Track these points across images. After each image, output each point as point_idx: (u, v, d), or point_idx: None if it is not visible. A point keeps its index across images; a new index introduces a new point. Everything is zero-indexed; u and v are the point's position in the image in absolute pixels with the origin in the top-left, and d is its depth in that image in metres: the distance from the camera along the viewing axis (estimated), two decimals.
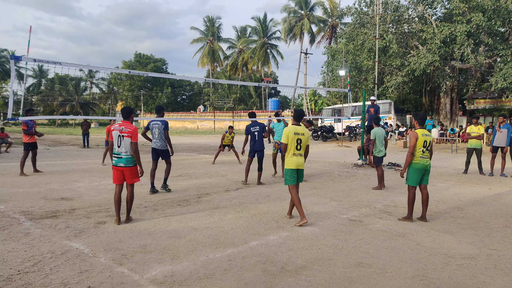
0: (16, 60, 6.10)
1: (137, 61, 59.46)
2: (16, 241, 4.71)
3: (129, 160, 5.55)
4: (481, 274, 3.93)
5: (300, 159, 5.75)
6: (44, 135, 10.67)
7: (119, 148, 5.52)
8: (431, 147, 5.99)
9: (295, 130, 5.72)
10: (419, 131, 5.92)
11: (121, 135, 5.52)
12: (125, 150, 5.53)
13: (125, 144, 5.52)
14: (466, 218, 6.18)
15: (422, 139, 5.86)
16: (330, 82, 32.84)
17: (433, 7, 24.67)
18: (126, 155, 5.53)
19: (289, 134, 5.69)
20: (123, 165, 5.52)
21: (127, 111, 5.77)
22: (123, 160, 5.52)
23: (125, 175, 5.59)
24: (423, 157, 5.90)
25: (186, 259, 4.20)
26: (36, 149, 10.66)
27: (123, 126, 5.58)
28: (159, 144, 7.94)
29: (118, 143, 5.52)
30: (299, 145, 5.72)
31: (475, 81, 23.83)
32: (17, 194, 7.56)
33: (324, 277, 3.78)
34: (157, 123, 7.92)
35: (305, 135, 5.78)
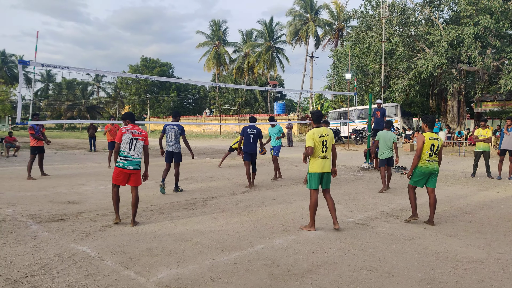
0: (24, 65, 6.18)
1: (144, 65, 59.87)
2: (24, 244, 4.75)
3: (139, 163, 5.65)
4: (489, 278, 3.89)
5: (326, 162, 5.50)
6: (51, 141, 10.69)
7: (130, 151, 5.55)
8: (439, 151, 5.95)
9: (319, 132, 5.51)
10: (427, 135, 5.90)
11: (134, 138, 5.57)
12: (137, 153, 5.60)
13: (138, 147, 5.60)
14: (473, 221, 6.12)
15: (429, 142, 5.84)
16: (336, 85, 32.77)
17: (440, 9, 24.59)
18: (137, 159, 5.61)
19: (314, 137, 5.48)
20: (132, 168, 5.57)
21: (133, 116, 5.87)
22: (133, 163, 5.58)
23: (131, 179, 5.65)
24: (429, 160, 5.88)
25: (192, 262, 4.21)
26: (43, 153, 10.73)
27: (135, 129, 5.65)
28: (175, 147, 8.26)
29: (130, 146, 5.54)
30: (324, 147, 5.50)
31: (482, 83, 23.66)
32: (25, 197, 7.63)
33: (330, 281, 3.77)
34: (174, 127, 8.21)
35: (329, 135, 5.57)
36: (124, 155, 5.55)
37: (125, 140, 5.55)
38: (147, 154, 5.72)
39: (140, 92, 59.35)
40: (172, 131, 8.18)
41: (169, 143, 8.28)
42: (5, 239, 4.91)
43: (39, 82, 70.04)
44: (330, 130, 5.70)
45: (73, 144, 25.48)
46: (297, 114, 39.15)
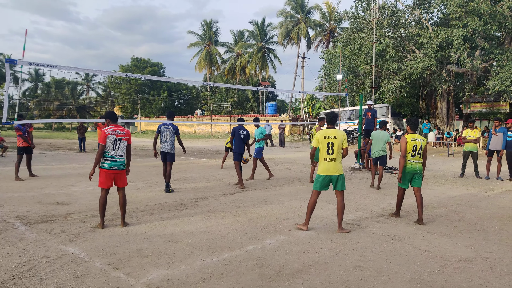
0: (11, 64, 6.09)
1: (134, 65, 59.39)
2: (11, 246, 4.68)
3: (123, 163, 5.63)
4: (477, 277, 3.93)
5: (331, 165, 5.39)
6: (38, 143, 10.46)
7: (115, 152, 5.50)
8: (423, 152, 6.12)
9: (326, 133, 5.45)
10: (409, 136, 6.11)
11: (118, 139, 5.52)
12: (121, 154, 5.56)
13: (122, 148, 5.57)
14: (462, 221, 6.19)
15: (411, 143, 6.03)
16: (327, 86, 32.95)
17: (430, 11, 24.85)
18: (121, 159, 5.57)
19: (319, 137, 5.46)
20: (117, 168, 5.53)
21: (115, 115, 5.78)
22: (118, 163, 5.53)
23: (116, 179, 5.59)
24: (411, 161, 6.07)
25: (183, 263, 4.18)
26: (31, 153, 10.55)
27: (118, 129, 5.58)
28: (169, 146, 8.36)
29: (114, 146, 5.49)
30: (330, 149, 5.39)
31: (471, 85, 23.96)
32: (13, 198, 7.51)
33: (321, 281, 3.77)
34: (169, 127, 8.37)
35: (337, 138, 5.39)
36: (109, 156, 5.49)
37: (110, 141, 5.48)
38: (129, 153, 5.72)
39: (131, 92, 58.89)
40: (167, 131, 8.32)
41: (163, 143, 8.37)
42: None
43: (27, 81, 69.13)
44: (342, 132, 5.51)
45: (62, 145, 25.19)
46: (289, 114, 39.19)
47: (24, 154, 10.27)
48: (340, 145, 5.44)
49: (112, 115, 5.75)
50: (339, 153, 5.44)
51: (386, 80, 25.38)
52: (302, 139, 31.63)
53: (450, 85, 24.59)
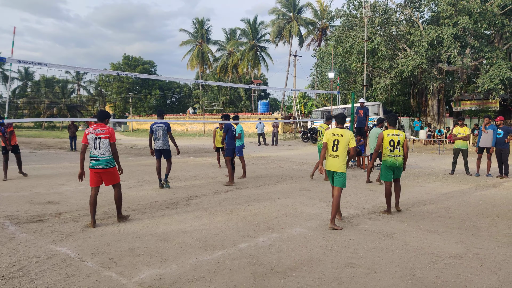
0: (0, 62, 6.00)
1: (126, 63, 58.92)
2: (1, 246, 4.62)
3: (108, 161, 5.56)
4: (468, 272, 3.97)
5: (334, 162, 5.64)
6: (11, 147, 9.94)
7: (96, 151, 5.51)
8: (403, 146, 6.44)
9: (334, 131, 5.75)
10: (386, 132, 6.50)
11: (97, 137, 5.52)
12: (103, 152, 5.53)
13: (103, 146, 5.53)
14: (453, 217, 6.25)
15: (388, 138, 6.42)
16: (319, 84, 33.04)
17: (421, 10, 25.03)
18: (104, 157, 5.53)
19: (328, 134, 5.79)
20: (101, 167, 5.52)
21: (103, 114, 5.77)
22: (101, 162, 5.51)
23: (103, 178, 5.60)
24: (391, 155, 6.42)
25: (175, 262, 4.17)
26: (17, 153, 10.26)
27: (98, 128, 5.58)
28: (162, 143, 8.59)
29: (95, 145, 5.51)
30: (335, 146, 5.66)
31: (461, 83, 24.21)
32: (2, 198, 7.42)
33: (313, 278, 3.78)
34: (161, 125, 8.61)
35: (344, 136, 5.64)
36: (92, 156, 5.53)
37: (90, 140, 5.53)
38: (114, 151, 5.61)
39: (122, 90, 58.44)
40: (159, 129, 8.59)
41: (157, 141, 8.61)
42: None
43: (16, 80, 68.27)
44: (349, 132, 5.72)
45: (53, 144, 24.93)
46: (281, 113, 39.24)
47: (8, 154, 10.00)
48: (346, 144, 5.65)
49: (99, 114, 5.76)
50: (344, 151, 5.64)
51: (377, 78, 25.54)
52: (295, 137, 31.68)
53: (441, 83, 24.82)
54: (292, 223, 5.76)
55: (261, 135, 24.91)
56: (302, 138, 27.40)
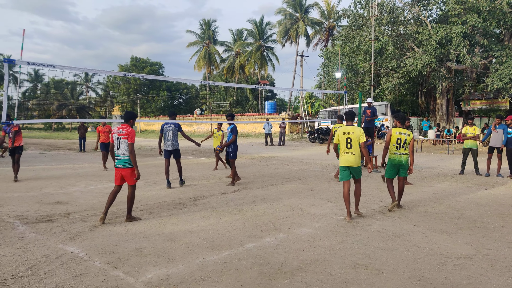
0: (10, 64, 6.08)
1: (133, 65, 59.32)
2: (11, 245, 4.67)
3: (127, 161, 5.72)
4: (477, 274, 3.92)
5: (350, 157, 5.95)
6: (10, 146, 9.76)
7: (118, 150, 5.76)
8: (409, 145, 6.57)
9: (345, 129, 6.06)
10: (394, 130, 6.62)
11: (119, 138, 5.74)
12: (123, 152, 5.72)
13: (123, 146, 5.72)
14: (462, 218, 6.18)
15: (395, 136, 6.53)
16: (326, 84, 32.93)
17: (429, 8, 24.82)
18: (124, 157, 5.73)
19: (339, 134, 6.11)
20: (121, 166, 5.74)
21: (128, 115, 5.96)
22: (121, 161, 5.73)
23: (124, 176, 5.78)
24: (397, 153, 6.57)
25: (182, 261, 4.18)
26: (18, 154, 9.90)
27: (121, 129, 5.80)
28: (172, 144, 8.76)
29: (118, 145, 5.75)
30: (349, 144, 5.96)
31: (470, 82, 23.94)
32: (12, 198, 7.51)
33: (320, 279, 3.77)
34: (171, 126, 8.79)
35: (355, 133, 5.95)
36: (116, 155, 5.79)
37: (114, 140, 5.80)
38: (131, 152, 5.68)
39: (130, 91, 58.84)
40: (170, 129, 8.77)
41: (167, 141, 8.77)
42: None
43: (26, 82, 69.07)
44: (359, 128, 6.06)
45: (62, 145, 25.17)
46: (288, 113, 39.18)
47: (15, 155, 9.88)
48: (357, 140, 5.94)
49: (124, 115, 6.01)
50: (357, 147, 5.94)
51: (385, 78, 25.37)
52: (302, 137, 31.61)
53: (450, 82, 24.59)
54: (299, 224, 5.74)
55: (269, 136, 24.87)
56: (309, 138, 27.32)
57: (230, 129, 9.19)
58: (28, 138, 31.51)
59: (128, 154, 5.69)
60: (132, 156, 5.67)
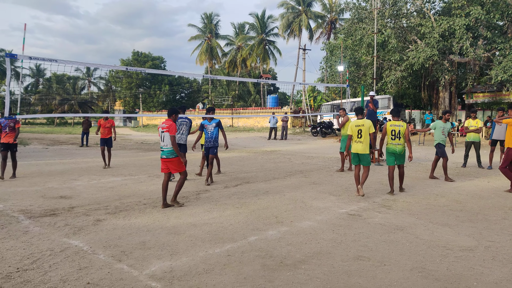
0: (12, 59, 6.09)
1: (135, 59, 59.30)
2: (15, 239, 4.71)
3: (170, 152, 6.29)
4: (479, 265, 3.94)
5: (359, 146, 7.11)
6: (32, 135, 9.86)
7: (162, 142, 6.36)
8: (403, 135, 7.35)
9: (356, 122, 7.26)
10: (389, 123, 7.48)
11: (162, 131, 6.34)
12: (165, 144, 6.31)
13: (166, 138, 6.29)
14: (464, 211, 6.19)
15: (390, 128, 7.43)
16: (329, 78, 32.80)
17: (432, 1, 24.63)
18: (167, 148, 6.31)
19: (351, 126, 7.27)
20: (165, 156, 6.34)
21: (171, 111, 6.55)
22: (165, 152, 6.34)
23: (168, 166, 6.37)
24: (392, 143, 7.43)
25: (185, 254, 4.21)
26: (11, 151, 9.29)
27: (164, 123, 6.40)
28: (184, 138, 8.82)
29: (161, 138, 6.35)
30: (359, 134, 7.12)
31: (474, 75, 23.80)
32: (16, 193, 7.56)
33: (323, 271, 3.79)
34: (185, 121, 8.88)
35: (365, 125, 7.13)
36: (160, 146, 6.43)
37: (160, 133, 6.40)
38: (172, 143, 6.20)
39: (132, 86, 58.86)
40: (184, 124, 8.80)
41: (179, 135, 8.71)
42: None
43: (28, 76, 69.19)
44: (368, 121, 7.25)
45: (65, 139, 25.25)
46: (290, 107, 39.11)
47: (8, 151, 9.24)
48: (367, 131, 7.09)
49: (168, 110, 6.56)
50: (366, 137, 7.09)
51: (387, 71, 25.26)
52: (304, 131, 31.58)
53: (453, 75, 24.45)
54: (302, 217, 5.77)
55: (273, 129, 24.87)
56: (311, 132, 27.30)
57: (216, 123, 8.71)
58: (30, 133, 31.61)
59: (170, 146, 6.22)
60: (174, 147, 6.19)
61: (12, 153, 9.32)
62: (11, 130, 9.18)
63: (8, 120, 9.13)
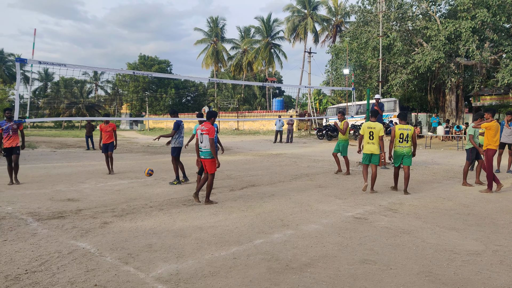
0: (21, 63, 6.17)
1: (142, 63, 59.64)
2: (24, 241, 4.77)
3: (208, 153, 6.72)
4: (487, 270, 3.92)
5: (372, 147, 7.84)
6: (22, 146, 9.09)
7: (201, 144, 6.79)
8: (411, 138, 7.73)
9: (368, 125, 7.93)
10: (397, 126, 7.84)
11: (202, 133, 6.76)
12: (204, 145, 6.74)
13: (205, 140, 6.72)
14: (472, 214, 6.15)
15: (398, 132, 7.77)
16: (334, 81, 32.76)
17: (437, 3, 24.54)
18: (205, 149, 6.74)
19: (364, 128, 7.94)
20: (203, 157, 6.79)
21: (210, 114, 7.04)
22: (204, 153, 6.78)
23: (205, 165, 6.83)
24: (400, 146, 7.79)
25: (192, 257, 4.23)
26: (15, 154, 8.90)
27: (203, 126, 6.83)
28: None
29: (201, 139, 6.78)
30: (371, 136, 7.82)
31: (480, 77, 23.64)
32: (25, 195, 7.64)
33: (328, 274, 3.79)
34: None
35: (376, 128, 7.81)
36: (200, 147, 6.85)
37: (199, 136, 6.83)
38: (210, 144, 6.66)
39: (138, 90, 59.18)
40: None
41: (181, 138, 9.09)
42: (5, 237, 4.92)
43: (37, 81, 69.86)
44: (379, 124, 7.88)
45: (72, 143, 25.45)
46: (296, 110, 39.09)
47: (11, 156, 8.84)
48: (378, 134, 7.80)
49: (207, 114, 7.05)
50: (377, 139, 7.80)
51: (393, 74, 25.18)
52: (310, 134, 31.55)
53: (459, 78, 24.32)
54: (307, 220, 5.77)
55: (279, 132, 24.87)
56: (317, 135, 27.26)
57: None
58: (38, 137, 31.89)
59: (209, 147, 6.65)
60: (212, 149, 6.62)
61: (14, 156, 8.88)
62: (14, 132, 8.78)
63: (11, 123, 8.67)
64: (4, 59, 62.68)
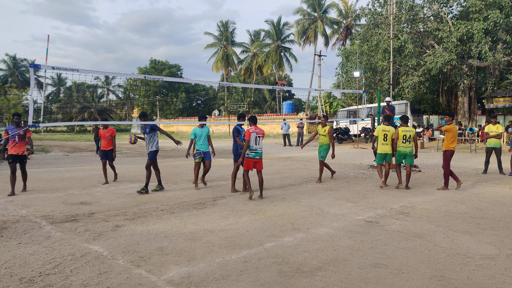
0: (35, 68, 6.29)
1: (153, 67, 60.25)
2: (38, 244, 4.84)
3: (262, 153, 7.72)
4: (501, 274, 3.86)
5: (386, 147, 8.83)
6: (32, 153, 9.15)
7: (256, 146, 7.55)
8: (412, 139, 8.66)
9: (383, 128, 8.92)
10: (401, 129, 8.72)
11: (257, 136, 7.57)
12: (260, 147, 7.62)
13: (260, 142, 7.62)
14: (485, 218, 6.06)
15: (402, 133, 8.65)
16: (344, 83, 32.64)
17: (449, 5, 24.30)
18: (261, 150, 7.66)
19: (379, 130, 8.92)
20: (258, 157, 7.61)
21: (253, 119, 7.85)
22: (259, 154, 7.63)
23: (256, 165, 7.64)
24: (403, 146, 8.66)
25: (202, 260, 4.25)
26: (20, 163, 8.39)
27: (257, 129, 7.64)
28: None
29: (256, 142, 7.54)
30: (385, 138, 8.82)
31: (493, 79, 23.30)
32: (38, 199, 7.76)
33: (339, 278, 3.77)
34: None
35: (390, 131, 8.82)
36: (253, 149, 7.52)
37: (252, 138, 7.48)
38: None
39: (149, 94, 59.76)
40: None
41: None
42: (19, 240, 5.01)
43: (50, 86, 71.05)
44: (392, 128, 8.94)
45: (84, 147, 25.78)
46: (306, 113, 39.02)
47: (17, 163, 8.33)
48: (391, 136, 8.80)
49: (253, 118, 7.85)
50: (390, 140, 8.82)
51: (404, 76, 24.97)
52: None
53: (472, 80, 24.00)
54: (318, 223, 5.75)
55: (286, 136, 24.84)
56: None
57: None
58: (52, 141, 32.38)
59: (261, 149, 7.64)
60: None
61: (21, 165, 8.42)
62: (20, 139, 8.23)
63: (18, 128, 8.20)
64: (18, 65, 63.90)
